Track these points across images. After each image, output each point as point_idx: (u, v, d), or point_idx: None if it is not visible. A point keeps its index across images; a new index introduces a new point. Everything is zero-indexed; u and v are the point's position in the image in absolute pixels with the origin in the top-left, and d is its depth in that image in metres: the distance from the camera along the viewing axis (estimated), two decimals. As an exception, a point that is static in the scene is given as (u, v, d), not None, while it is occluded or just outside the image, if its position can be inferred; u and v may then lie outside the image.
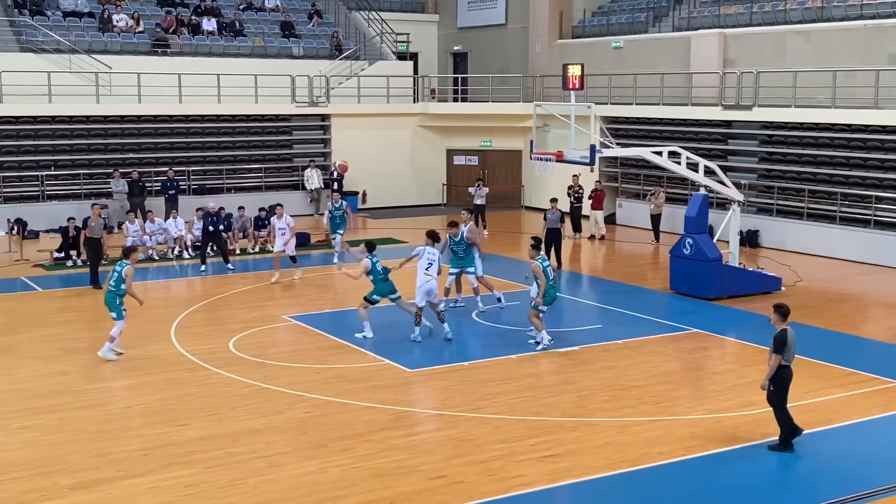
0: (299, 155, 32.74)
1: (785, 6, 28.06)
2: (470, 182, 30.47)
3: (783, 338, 11.23)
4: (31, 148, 29.12)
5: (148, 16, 33.00)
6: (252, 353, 15.51)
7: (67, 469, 10.92)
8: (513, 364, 15.08)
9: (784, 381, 11.36)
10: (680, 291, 20.04)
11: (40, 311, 18.65)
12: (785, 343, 11.21)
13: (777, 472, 11.02)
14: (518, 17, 36.61)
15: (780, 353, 11.21)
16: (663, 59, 30.05)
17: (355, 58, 34.16)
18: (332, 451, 11.46)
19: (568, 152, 19.75)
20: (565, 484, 10.60)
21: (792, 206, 25.77)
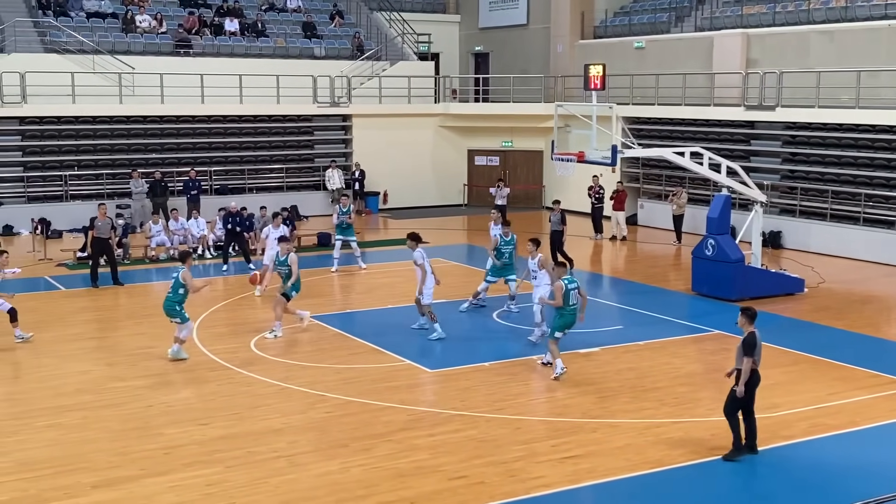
0: (321, 155, 32.82)
1: (808, 6, 27.87)
2: (491, 182, 30.45)
3: (753, 340, 11.11)
4: (55, 148, 29.35)
5: (171, 16, 33.18)
6: (273, 353, 15.56)
7: (90, 467, 10.99)
8: (533, 365, 15.05)
9: (753, 385, 11.22)
10: (702, 293, 19.95)
11: (63, 311, 18.79)
12: (755, 345, 11.12)
13: (800, 474, 10.93)
14: (540, 18, 36.55)
15: (751, 356, 11.08)
16: (685, 60, 29.91)
17: (377, 58, 34.21)
18: (352, 450, 11.48)
19: (589, 153, 19.71)
20: (586, 485, 10.58)
21: (815, 207, 25.59)
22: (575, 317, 14.27)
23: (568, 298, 14.09)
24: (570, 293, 14.12)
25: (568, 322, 14.29)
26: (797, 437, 11.83)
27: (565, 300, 14.06)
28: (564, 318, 14.22)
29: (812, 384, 14.08)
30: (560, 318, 14.22)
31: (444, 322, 17.80)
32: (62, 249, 24.32)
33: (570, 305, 14.15)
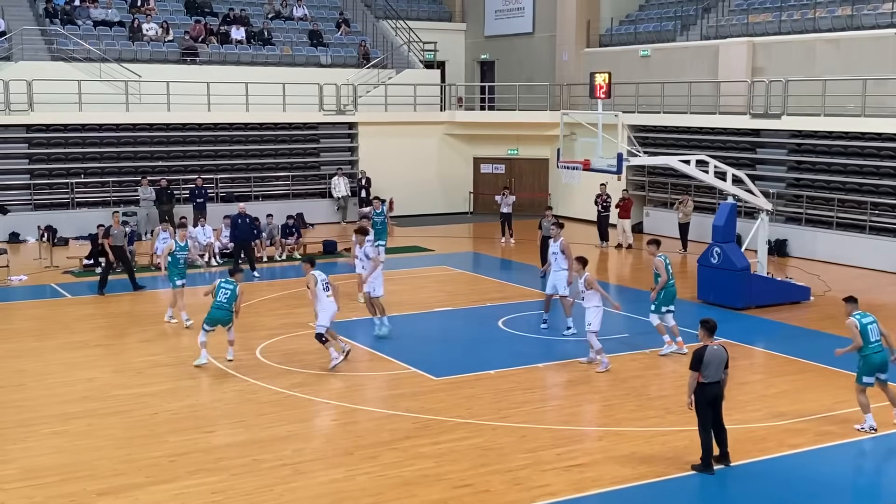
0: (326, 163, 32.87)
1: (814, 14, 27.87)
2: (497, 190, 30.45)
3: (699, 355, 10.89)
4: (62, 155, 29.43)
5: (177, 25, 33.28)
6: (279, 361, 15.56)
7: (95, 474, 11.00)
8: (539, 373, 15.04)
9: (703, 398, 10.95)
10: (707, 301, 19.91)
11: (69, 318, 18.81)
12: (700, 360, 10.86)
13: (807, 483, 10.89)
14: (545, 26, 36.59)
15: (694, 370, 10.88)
16: (691, 68, 29.93)
17: (382, 66, 34.27)
18: (358, 458, 11.48)
19: (595, 161, 19.70)
20: (591, 494, 10.55)
21: (821, 215, 25.55)
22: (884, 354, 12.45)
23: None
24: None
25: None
26: (804, 446, 11.79)
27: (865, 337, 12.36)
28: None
29: (818, 393, 14.04)
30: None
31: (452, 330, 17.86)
32: (68, 257, 24.35)
33: (873, 342, 12.35)
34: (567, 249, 17.08)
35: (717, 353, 10.98)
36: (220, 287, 15.33)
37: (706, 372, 10.89)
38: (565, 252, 17.05)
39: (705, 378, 10.91)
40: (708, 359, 10.89)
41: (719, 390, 11.03)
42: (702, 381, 10.91)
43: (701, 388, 10.95)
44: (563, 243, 17.21)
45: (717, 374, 10.96)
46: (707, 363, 10.88)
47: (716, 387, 10.98)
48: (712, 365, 10.91)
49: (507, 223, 28.04)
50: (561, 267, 17.08)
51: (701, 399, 10.96)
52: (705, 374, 10.90)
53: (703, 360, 10.87)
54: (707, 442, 10.99)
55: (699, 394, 10.96)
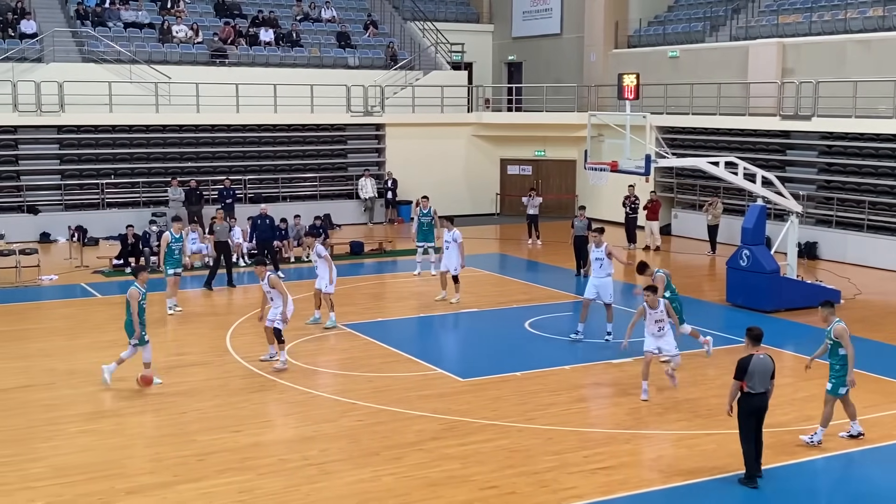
0: (354, 164, 32.96)
1: (845, 15, 27.60)
2: (523, 192, 30.41)
3: (744, 363, 10.50)
4: (92, 156, 29.70)
5: (206, 27, 33.49)
6: (306, 361, 15.61)
7: (124, 473, 11.07)
8: (565, 375, 14.99)
9: (747, 409, 10.56)
10: (736, 304, 19.78)
11: (99, 317, 18.96)
12: (745, 369, 10.47)
13: (836, 487, 10.79)
14: (573, 27, 36.50)
15: (738, 379, 10.50)
16: (720, 69, 29.73)
17: (410, 68, 34.32)
18: (383, 459, 11.49)
19: (622, 162, 19.62)
20: (618, 497, 10.49)
21: (852, 217, 25.30)
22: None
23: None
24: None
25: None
26: (834, 450, 11.67)
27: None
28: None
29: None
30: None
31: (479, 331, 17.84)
32: (98, 257, 24.56)
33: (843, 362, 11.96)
34: (613, 253, 16.92)
35: (762, 363, 10.57)
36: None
37: (751, 382, 10.48)
38: (610, 257, 16.79)
39: (750, 388, 10.50)
40: (753, 368, 10.47)
41: (764, 402, 10.62)
42: (746, 390, 10.51)
43: (745, 399, 10.55)
44: (608, 248, 16.86)
45: (762, 384, 10.55)
46: (752, 372, 10.47)
47: (761, 398, 10.57)
48: (757, 374, 10.50)
49: (533, 224, 27.98)
50: (607, 272, 16.72)
51: (744, 409, 10.58)
52: (750, 384, 10.49)
53: (748, 370, 10.47)
54: (750, 454, 10.63)
55: (743, 404, 10.58)
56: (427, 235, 22.52)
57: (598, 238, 17.06)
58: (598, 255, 16.84)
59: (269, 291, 15.13)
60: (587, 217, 23.10)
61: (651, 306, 13.73)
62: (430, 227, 22.48)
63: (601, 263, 16.75)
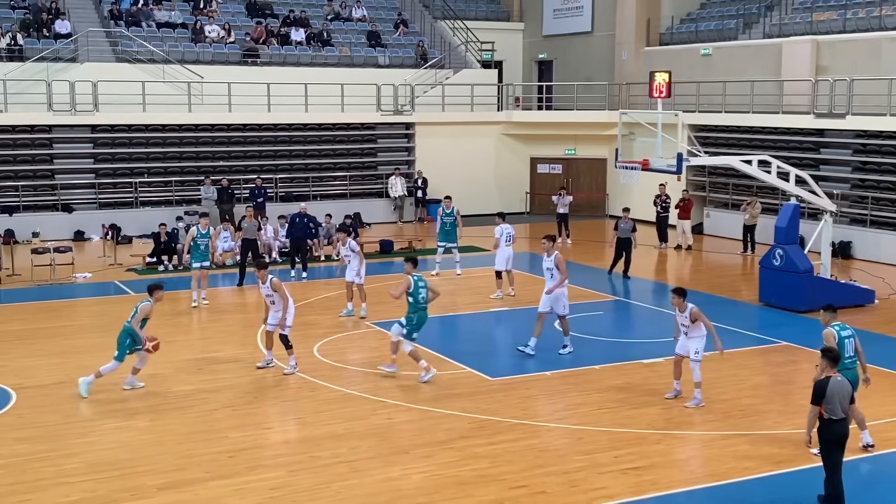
0: (384, 163, 33.03)
1: (880, 12, 27.28)
2: (554, 190, 30.32)
3: (821, 387, 9.75)
4: (126, 155, 29.98)
5: (238, 27, 33.70)
6: (336, 359, 15.66)
7: (156, 469, 11.17)
8: (596, 374, 14.93)
9: (829, 437, 9.81)
10: (769, 303, 19.61)
11: (132, 315, 19.10)
12: (823, 393, 9.72)
13: (868, 487, 10.67)
14: (604, 25, 36.35)
15: (815, 404, 9.80)
16: (753, 67, 29.49)
17: (440, 66, 34.33)
18: (413, 457, 11.50)
19: (654, 160, 19.53)
20: (649, 497, 10.45)
21: (887, 217, 25.01)
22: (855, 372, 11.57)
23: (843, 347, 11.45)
24: (845, 341, 11.59)
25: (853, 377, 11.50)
26: (863, 452, 11.53)
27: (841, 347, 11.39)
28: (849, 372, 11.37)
29: (883, 397, 13.73)
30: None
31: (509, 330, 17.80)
32: (132, 255, 24.78)
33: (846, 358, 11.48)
34: (562, 265, 15.58)
35: (841, 385, 9.84)
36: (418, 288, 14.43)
37: (829, 406, 9.74)
38: (560, 267, 15.54)
39: (829, 413, 9.76)
40: (831, 391, 9.74)
41: (846, 428, 9.90)
42: (826, 416, 9.78)
43: (826, 426, 9.82)
44: (557, 258, 15.61)
45: (842, 409, 9.82)
46: (830, 396, 9.73)
47: (842, 424, 9.84)
48: (836, 399, 9.76)
49: (563, 223, 27.90)
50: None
51: (827, 438, 9.84)
52: (828, 410, 9.75)
53: (826, 394, 9.73)
54: (837, 486, 9.81)
55: (824, 432, 9.82)
56: (449, 235, 22.47)
57: (548, 246, 15.85)
58: (548, 264, 15.67)
59: (271, 295, 14.78)
60: (631, 219, 22.91)
61: (679, 310, 13.50)
62: (453, 227, 22.43)
63: (551, 273, 15.63)
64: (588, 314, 18.89)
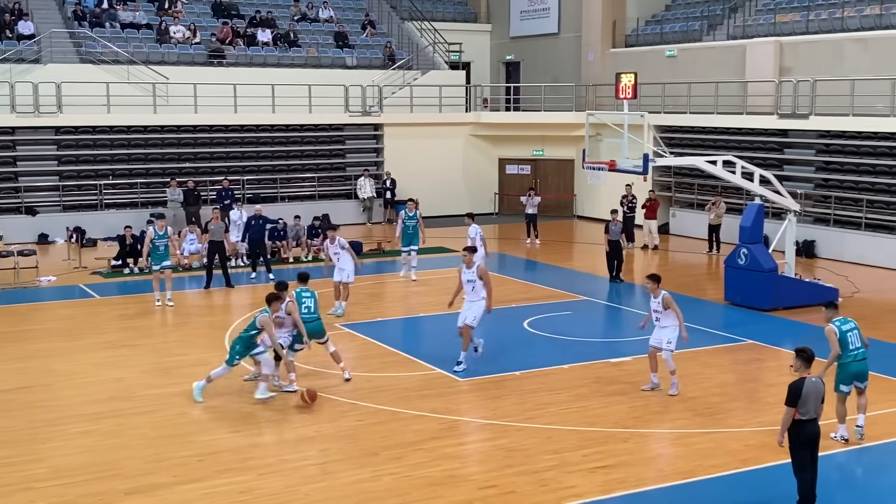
0: (352, 164, 32.97)
1: (842, 14, 27.64)
2: (522, 191, 30.44)
3: (797, 388, 9.75)
4: (90, 157, 29.70)
5: (204, 27, 33.50)
6: (305, 361, 15.60)
7: (124, 474, 11.09)
8: (564, 374, 15.00)
9: (800, 438, 9.83)
10: (735, 302, 19.80)
11: (97, 318, 18.98)
12: (798, 394, 9.72)
13: (835, 484, 10.80)
14: (571, 27, 36.53)
15: (790, 406, 9.76)
16: (718, 68, 29.76)
17: (408, 67, 34.34)
18: (383, 459, 11.51)
19: (621, 161, 19.66)
20: (617, 495, 10.52)
21: (849, 216, 25.34)
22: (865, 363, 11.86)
23: (846, 342, 11.78)
24: (848, 335, 11.80)
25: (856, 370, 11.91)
26: (833, 448, 11.69)
27: (844, 345, 11.75)
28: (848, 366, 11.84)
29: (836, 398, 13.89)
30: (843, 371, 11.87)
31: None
32: (97, 258, 24.55)
33: (853, 349, 11.80)
34: (485, 277, 14.92)
35: (815, 386, 9.86)
36: (301, 297, 14.26)
37: (804, 408, 9.75)
38: (483, 279, 14.89)
39: (802, 415, 9.77)
40: (806, 392, 9.75)
41: (818, 428, 9.92)
42: (798, 417, 9.77)
43: (797, 427, 9.80)
44: (480, 269, 15.01)
45: (815, 409, 9.84)
46: (805, 397, 9.75)
47: (814, 424, 9.85)
48: (811, 399, 9.79)
49: (532, 224, 28.02)
50: (479, 296, 14.85)
51: (797, 438, 9.83)
52: (802, 411, 9.76)
53: (802, 395, 9.74)
54: (804, 485, 9.89)
55: (795, 432, 9.83)
56: (412, 239, 22.34)
57: (469, 258, 15.12)
58: (469, 276, 14.97)
59: (284, 318, 14.00)
60: (620, 221, 22.92)
61: (653, 296, 13.95)
62: (416, 230, 22.29)
63: (473, 286, 14.94)
64: (556, 314, 18.98)
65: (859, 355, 11.81)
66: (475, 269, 14.94)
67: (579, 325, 18.29)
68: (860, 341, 11.86)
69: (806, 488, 9.94)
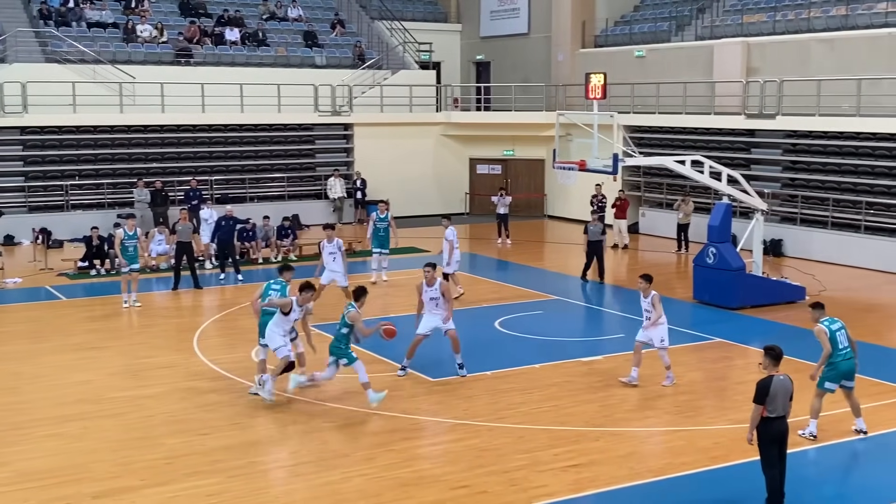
0: (322, 164, 32.85)
1: (808, 14, 27.90)
2: (493, 191, 30.47)
3: (764, 386, 9.84)
4: (56, 158, 29.37)
5: (171, 26, 33.24)
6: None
7: (91, 477, 10.96)
8: (535, 373, 15.02)
9: (768, 435, 9.91)
10: (703, 301, 19.92)
11: (64, 320, 18.78)
12: (766, 392, 9.80)
13: (801, 482, 10.88)
14: (541, 27, 36.61)
15: (758, 403, 9.85)
16: (686, 68, 29.95)
17: (378, 67, 34.27)
18: (354, 460, 11.45)
19: (591, 161, 19.72)
20: (588, 494, 10.54)
21: (816, 215, 25.58)
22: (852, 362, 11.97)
23: (836, 341, 11.83)
24: (837, 334, 11.88)
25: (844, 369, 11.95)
26: (800, 446, 11.78)
27: (835, 344, 11.81)
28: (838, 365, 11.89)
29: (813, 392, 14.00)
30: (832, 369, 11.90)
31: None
32: (63, 259, 24.30)
33: (842, 348, 11.88)
34: (447, 293, 14.83)
35: (783, 384, 9.94)
36: (269, 289, 14.10)
37: (772, 405, 9.84)
38: (445, 295, 14.77)
39: (770, 412, 9.85)
40: (774, 390, 9.84)
41: (786, 426, 10.03)
42: (766, 415, 9.86)
43: (765, 424, 9.89)
44: (443, 286, 14.86)
45: (783, 407, 9.93)
46: (773, 395, 9.83)
47: (782, 422, 9.94)
48: (779, 397, 9.87)
49: (503, 224, 28.06)
50: (443, 310, 14.72)
51: (765, 436, 9.91)
52: (770, 408, 9.84)
53: (770, 392, 9.83)
54: (773, 481, 9.97)
55: (763, 430, 9.91)
56: (383, 241, 22.02)
57: (431, 275, 14.85)
58: (432, 294, 14.79)
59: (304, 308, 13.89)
60: (600, 222, 22.82)
61: (643, 295, 14.25)
62: (387, 232, 21.97)
63: (437, 303, 14.78)
64: (527, 313, 19.00)
65: (847, 354, 11.89)
66: (437, 286, 14.70)
67: (550, 324, 18.32)
68: (847, 341, 11.93)
69: (774, 485, 10.01)
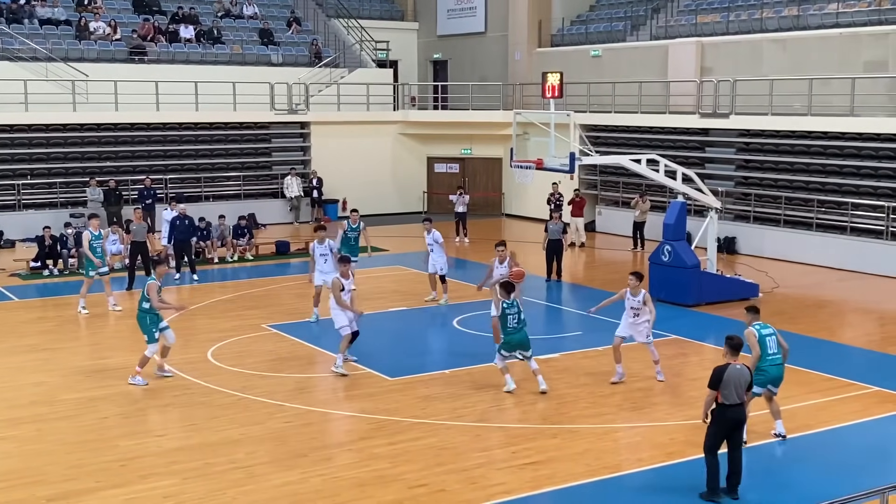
0: (278, 163, 32.67)
1: (761, 15, 28.27)
2: (451, 190, 30.51)
3: (719, 373, 10.20)
4: (7, 156, 28.90)
5: (125, 23, 32.85)
6: (231, 363, 15.42)
7: (45, 480, 10.82)
8: (492, 372, 15.05)
9: (720, 422, 10.24)
10: (659, 298, 19.97)
11: (17, 321, 18.49)
12: (720, 379, 10.16)
13: (755, 476, 11.04)
14: (497, 26, 36.70)
15: (712, 388, 10.22)
16: (641, 68, 30.20)
17: (335, 65, 34.14)
18: (312, 460, 11.42)
19: (548, 160, 19.82)
20: (546, 491, 10.61)
21: (769, 213, 25.93)
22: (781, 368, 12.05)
23: (765, 346, 11.90)
24: (766, 339, 11.93)
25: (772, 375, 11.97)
26: (753, 442, 11.94)
27: (763, 349, 11.88)
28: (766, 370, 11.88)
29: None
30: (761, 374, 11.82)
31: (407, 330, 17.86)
32: (15, 259, 23.94)
33: (770, 353, 11.93)
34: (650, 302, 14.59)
35: (739, 373, 10.26)
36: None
37: (725, 392, 10.15)
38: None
39: (725, 398, 10.16)
40: (728, 377, 10.15)
41: (740, 414, 10.36)
42: (720, 401, 10.18)
43: (721, 410, 10.21)
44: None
45: (738, 395, 10.23)
46: (727, 382, 10.15)
47: (736, 410, 10.26)
48: (732, 384, 10.17)
49: (461, 222, 28.11)
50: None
51: (717, 421, 10.25)
52: (724, 395, 10.16)
53: (723, 379, 10.14)
54: (713, 467, 10.27)
55: (718, 416, 10.24)
56: (353, 250, 21.79)
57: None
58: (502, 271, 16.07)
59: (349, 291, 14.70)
60: (561, 221, 22.80)
61: (633, 293, 14.29)
62: (357, 241, 21.39)
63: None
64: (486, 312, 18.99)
65: (776, 360, 12.01)
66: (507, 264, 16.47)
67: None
68: (777, 347, 12.07)
69: (714, 471, 10.29)
